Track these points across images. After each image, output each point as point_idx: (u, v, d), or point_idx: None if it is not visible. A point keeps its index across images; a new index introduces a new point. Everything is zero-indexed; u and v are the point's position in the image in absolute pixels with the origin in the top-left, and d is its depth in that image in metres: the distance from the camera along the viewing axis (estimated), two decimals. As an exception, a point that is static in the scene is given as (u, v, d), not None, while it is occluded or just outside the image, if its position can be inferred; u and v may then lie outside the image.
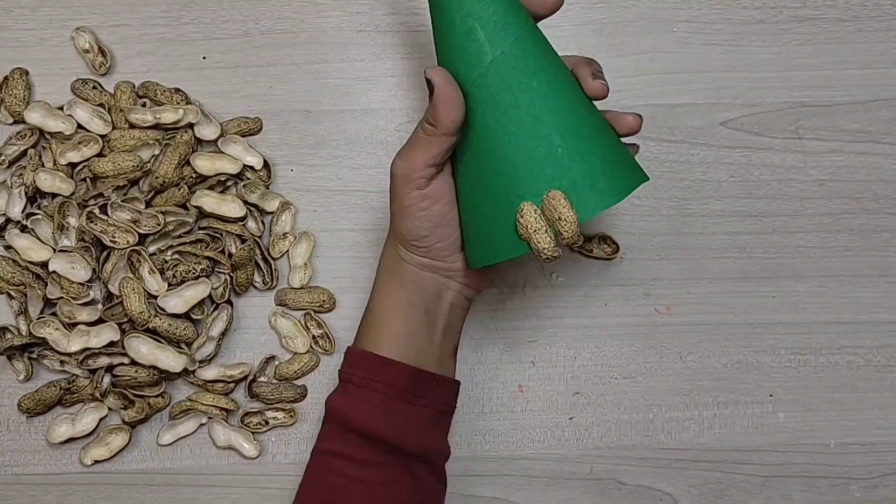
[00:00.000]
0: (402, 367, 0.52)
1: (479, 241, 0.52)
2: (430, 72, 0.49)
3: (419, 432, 0.53)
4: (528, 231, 0.49)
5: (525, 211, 0.49)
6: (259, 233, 0.64)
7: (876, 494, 0.63)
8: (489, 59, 0.49)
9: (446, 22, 0.50)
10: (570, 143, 0.49)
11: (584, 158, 0.49)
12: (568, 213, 0.48)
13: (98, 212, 0.61)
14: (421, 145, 0.50)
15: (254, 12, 0.66)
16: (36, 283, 0.62)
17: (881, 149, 0.66)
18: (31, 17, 0.66)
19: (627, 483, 0.63)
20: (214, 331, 0.63)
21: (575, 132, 0.49)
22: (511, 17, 0.50)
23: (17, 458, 0.63)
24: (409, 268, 0.54)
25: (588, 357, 0.64)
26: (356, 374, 0.53)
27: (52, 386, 0.62)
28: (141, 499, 0.63)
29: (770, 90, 0.66)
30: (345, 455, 0.52)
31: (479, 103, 0.50)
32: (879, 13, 0.66)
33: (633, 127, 0.52)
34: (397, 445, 0.52)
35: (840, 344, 0.65)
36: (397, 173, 0.51)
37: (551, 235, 0.49)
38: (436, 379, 0.54)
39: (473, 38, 0.49)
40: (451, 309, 0.55)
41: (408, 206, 0.51)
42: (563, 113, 0.49)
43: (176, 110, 0.63)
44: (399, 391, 0.52)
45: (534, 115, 0.49)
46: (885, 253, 0.65)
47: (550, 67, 0.50)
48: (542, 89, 0.49)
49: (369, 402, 0.52)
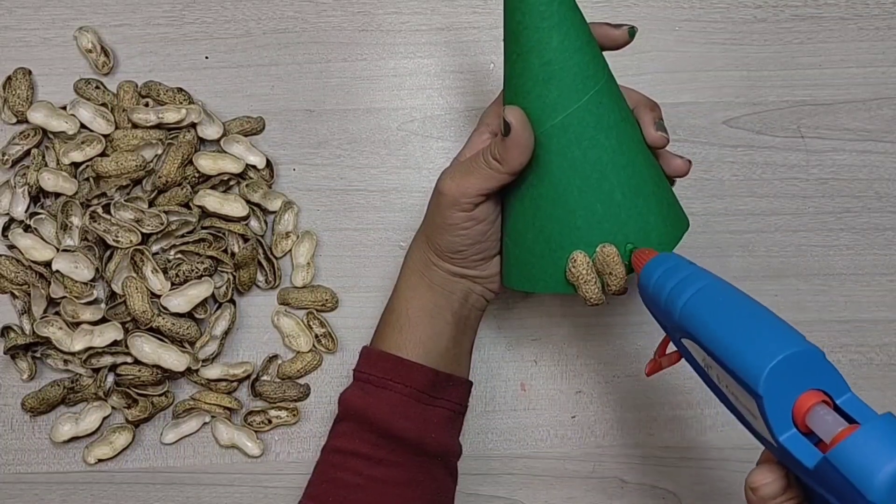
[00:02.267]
0: (421, 369, 0.53)
1: (522, 268, 0.52)
2: (509, 112, 0.48)
3: (437, 432, 0.53)
4: (578, 280, 0.50)
5: (578, 261, 0.50)
6: (262, 232, 0.64)
7: (878, 492, 0.63)
8: (564, 114, 0.48)
9: (523, 65, 0.49)
10: (630, 200, 0.49)
11: (640, 215, 0.49)
12: (619, 269, 0.49)
13: (101, 211, 0.61)
14: (480, 176, 0.50)
15: (256, 12, 0.66)
16: (39, 282, 0.62)
17: (883, 147, 0.66)
18: (34, 17, 0.66)
19: (630, 481, 0.64)
20: (217, 330, 0.63)
21: (636, 190, 0.49)
22: (591, 70, 0.48)
23: (20, 457, 0.63)
24: (440, 273, 0.54)
25: (590, 355, 0.64)
26: (374, 373, 0.53)
27: (55, 385, 0.62)
28: (144, 497, 0.63)
29: (772, 89, 0.66)
30: (361, 454, 0.52)
31: (547, 151, 0.49)
32: (881, 12, 0.66)
33: (682, 172, 0.52)
34: (417, 445, 0.52)
35: (842, 342, 0.65)
36: (446, 193, 0.51)
37: (599, 286, 0.50)
38: (451, 380, 0.54)
39: (551, 89, 0.48)
40: (473, 311, 0.56)
41: (451, 225, 0.51)
42: (627, 170, 0.49)
43: (179, 110, 0.63)
44: (418, 392, 0.52)
45: (600, 171, 0.49)
46: (888, 251, 0.65)
47: (622, 123, 0.49)
48: (611, 146, 0.49)
49: (389, 401, 0.52)
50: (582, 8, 0.66)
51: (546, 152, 0.49)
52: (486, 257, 0.54)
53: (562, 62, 0.48)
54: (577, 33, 0.48)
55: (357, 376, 0.54)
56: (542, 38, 0.48)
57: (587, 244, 0.50)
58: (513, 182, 0.51)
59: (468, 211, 0.51)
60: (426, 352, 0.53)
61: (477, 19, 0.66)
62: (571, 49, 0.48)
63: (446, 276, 0.54)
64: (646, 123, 0.51)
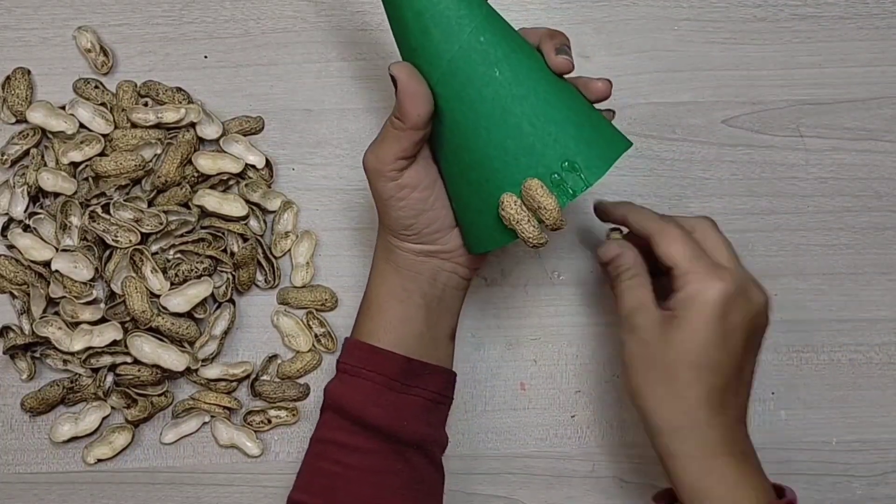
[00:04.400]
0: (391, 356, 0.53)
1: (471, 229, 0.53)
2: (393, 67, 0.49)
3: (412, 420, 0.53)
4: (512, 223, 0.49)
5: (506, 203, 0.49)
6: (261, 232, 0.64)
7: (878, 492, 0.64)
8: (448, 58, 0.49)
9: (401, 24, 0.50)
10: (540, 128, 0.48)
11: (557, 142, 0.49)
12: (547, 201, 0.48)
13: (100, 211, 0.61)
14: (390, 139, 0.50)
15: (255, 11, 0.66)
16: (39, 282, 0.62)
17: (882, 146, 0.66)
18: (34, 17, 0.66)
19: (630, 481, 0.64)
20: (217, 329, 0.63)
21: (545, 116, 0.49)
22: (464, 9, 0.49)
23: (20, 457, 0.63)
24: (403, 255, 0.54)
25: (590, 355, 0.64)
26: (349, 362, 0.54)
27: (55, 385, 0.62)
28: (144, 497, 0.63)
29: (771, 88, 0.66)
30: (339, 442, 0.53)
31: (446, 100, 0.49)
32: (880, 11, 0.66)
33: (604, 93, 0.51)
34: (390, 432, 0.52)
35: (842, 342, 0.65)
36: (369, 168, 0.52)
37: (535, 224, 0.49)
38: (427, 368, 0.54)
39: (429, 38, 0.49)
40: (447, 290, 0.55)
41: (387, 199, 0.52)
42: (529, 99, 0.49)
43: (178, 109, 0.63)
44: (389, 379, 0.52)
45: (501, 107, 0.48)
46: (887, 250, 0.65)
47: (512, 53, 0.49)
48: (506, 78, 0.49)
49: (361, 389, 0.53)
50: (580, 7, 0.66)
51: (446, 101, 0.49)
52: (441, 228, 0.53)
53: (432, 8, 0.48)
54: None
55: (338, 367, 0.55)
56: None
57: (512, 184, 0.49)
58: (435, 145, 0.51)
59: (395, 180, 0.51)
60: (398, 337, 0.53)
61: (476, 19, 0.66)
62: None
63: (410, 256, 0.54)
64: (547, 52, 0.50)
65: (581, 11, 0.66)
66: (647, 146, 0.65)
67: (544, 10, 0.66)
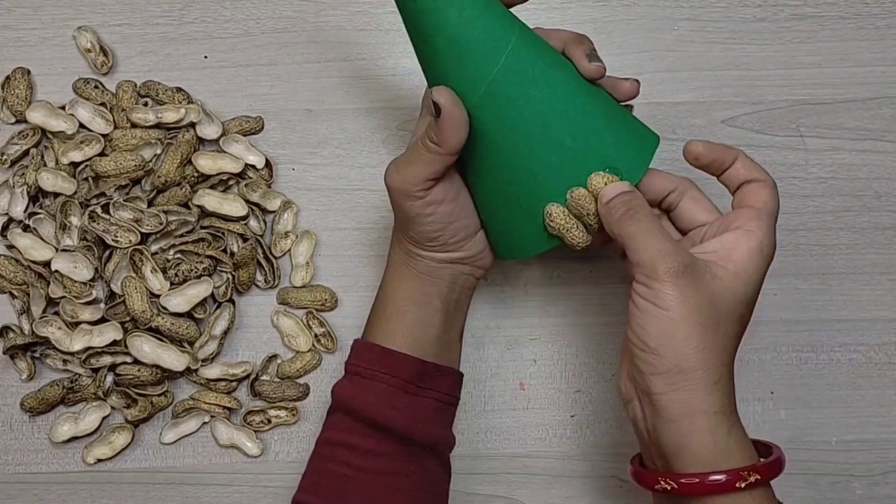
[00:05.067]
0: (407, 358, 0.53)
1: (506, 239, 0.53)
2: (436, 93, 0.48)
3: (425, 422, 0.53)
4: (561, 231, 0.51)
5: (554, 214, 0.50)
6: (261, 232, 0.64)
7: (878, 492, 0.64)
8: (486, 82, 0.48)
9: (432, 49, 0.49)
10: (581, 140, 0.49)
11: (597, 151, 0.49)
12: (593, 207, 0.50)
13: (100, 211, 0.61)
14: (421, 162, 0.49)
15: (255, 11, 0.66)
16: (38, 282, 0.62)
17: (882, 146, 0.66)
18: (33, 17, 0.66)
19: (629, 481, 0.63)
20: (217, 329, 0.63)
21: (584, 127, 0.49)
22: (499, 31, 0.48)
23: (20, 457, 0.63)
24: (425, 262, 0.54)
25: (590, 355, 0.64)
26: (362, 364, 0.53)
27: (54, 385, 0.62)
28: (144, 497, 0.63)
29: (771, 88, 0.66)
30: (349, 444, 0.52)
31: (483, 122, 0.49)
32: (880, 11, 0.66)
33: (632, 93, 0.52)
34: (404, 435, 0.52)
35: (841, 341, 0.65)
36: (395, 188, 0.50)
37: (582, 228, 0.51)
38: (440, 370, 0.54)
39: (465, 64, 0.48)
40: (462, 292, 0.55)
41: (414, 216, 0.51)
42: (568, 112, 0.49)
43: (178, 109, 0.63)
44: (404, 381, 0.52)
45: (542, 124, 0.49)
46: (887, 250, 0.65)
47: (548, 69, 0.49)
48: (545, 95, 0.49)
49: (375, 391, 0.52)
50: (581, 7, 0.66)
51: (483, 123, 0.49)
52: (466, 236, 0.53)
53: (467, 35, 0.47)
54: (473, 1, 0.48)
55: (347, 369, 0.54)
56: (439, 18, 0.47)
57: (557, 194, 0.50)
58: (466, 161, 0.51)
59: (422, 198, 0.50)
60: (414, 341, 0.53)
61: (476, 18, 0.66)
62: (472, 18, 0.47)
63: (432, 263, 0.54)
64: (578, 58, 0.50)
65: (581, 11, 0.66)
66: (646, 146, 0.65)
67: (545, 10, 0.66)
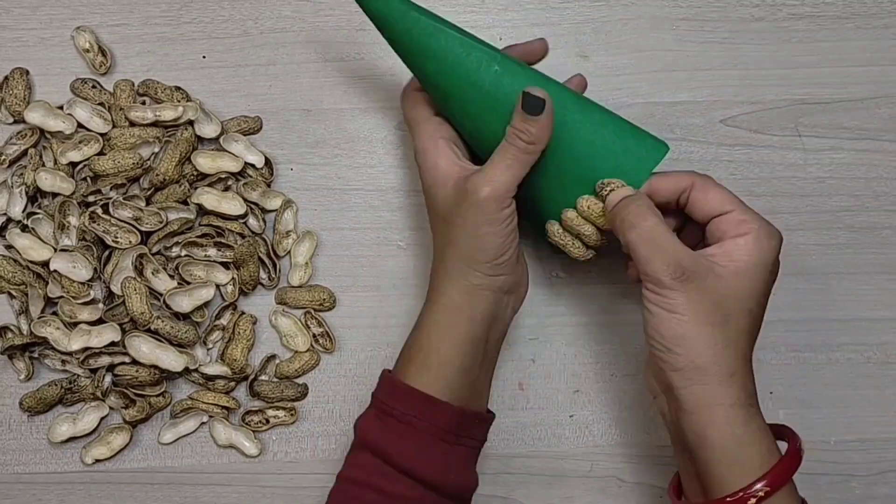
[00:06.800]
0: (448, 408, 0.51)
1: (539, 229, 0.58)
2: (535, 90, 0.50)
3: (458, 472, 0.52)
4: (559, 246, 0.56)
5: (550, 231, 0.55)
6: (260, 230, 0.64)
7: (876, 491, 0.63)
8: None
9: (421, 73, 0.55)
10: (569, 163, 0.53)
11: (584, 174, 0.53)
12: (586, 228, 0.54)
13: (101, 212, 0.61)
14: (516, 164, 0.51)
15: (253, 11, 0.66)
16: (37, 282, 0.62)
17: (880, 146, 0.66)
18: (32, 17, 0.66)
19: (628, 480, 0.63)
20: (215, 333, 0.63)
21: (571, 152, 0.53)
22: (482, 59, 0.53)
23: (18, 457, 0.63)
24: (485, 295, 0.52)
25: (588, 355, 0.64)
26: (398, 407, 0.52)
27: (53, 385, 0.62)
28: (142, 497, 0.63)
29: (769, 88, 0.66)
30: (378, 488, 0.51)
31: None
32: (878, 10, 0.66)
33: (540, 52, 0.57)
34: (437, 485, 0.51)
35: (840, 341, 0.65)
36: (487, 197, 0.51)
37: (580, 245, 0.56)
38: (479, 417, 0.53)
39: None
40: (503, 328, 0.55)
41: (499, 228, 0.51)
42: (555, 138, 0.52)
43: (176, 107, 0.63)
44: (443, 431, 0.51)
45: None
46: (885, 250, 0.65)
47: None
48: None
49: (412, 439, 0.51)
50: (579, 7, 0.66)
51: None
52: (518, 256, 0.54)
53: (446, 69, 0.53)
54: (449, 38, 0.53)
55: (377, 405, 0.53)
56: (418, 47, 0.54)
57: (553, 214, 0.55)
58: None
59: (510, 206, 0.52)
60: (454, 388, 0.52)
61: (474, 19, 0.66)
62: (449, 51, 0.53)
63: (492, 296, 0.53)
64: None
65: (580, 11, 0.66)
66: (645, 146, 0.65)
67: (543, 10, 0.66)
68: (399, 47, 0.54)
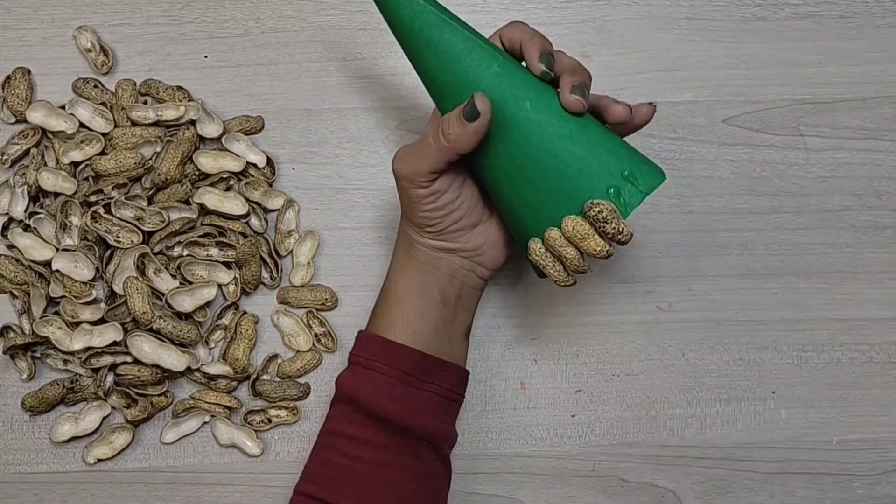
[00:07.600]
0: (407, 351, 0.53)
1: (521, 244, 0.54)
2: (480, 99, 0.49)
3: (424, 416, 0.53)
4: (539, 266, 0.52)
5: (532, 250, 0.52)
6: (262, 230, 0.64)
7: (878, 491, 0.63)
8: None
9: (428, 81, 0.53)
10: (553, 182, 0.50)
11: (569, 194, 0.50)
12: (568, 251, 0.50)
13: (103, 212, 0.61)
14: (429, 157, 0.51)
15: (255, 11, 0.66)
16: (39, 282, 0.62)
17: (882, 145, 0.66)
18: (34, 17, 0.66)
19: (630, 480, 0.63)
20: (217, 332, 0.63)
21: (557, 171, 0.50)
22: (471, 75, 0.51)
23: (20, 456, 0.63)
24: (423, 250, 0.54)
25: (590, 354, 0.64)
26: (363, 355, 0.54)
27: (55, 385, 0.62)
28: (144, 497, 0.63)
29: (771, 87, 0.66)
30: (349, 435, 0.53)
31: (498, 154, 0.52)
32: (880, 10, 0.66)
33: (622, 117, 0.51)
34: (402, 426, 0.52)
35: (842, 340, 0.65)
36: (401, 175, 0.52)
37: (559, 268, 0.51)
38: (442, 365, 0.54)
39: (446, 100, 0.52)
40: (464, 288, 0.55)
41: (416, 202, 0.52)
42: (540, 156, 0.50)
43: (177, 107, 0.63)
44: (404, 374, 0.53)
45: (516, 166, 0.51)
46: (887, 249, 0.65)
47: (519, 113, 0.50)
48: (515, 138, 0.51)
49: (374, 382, 0.53)
50: (581, 7, 0.66)
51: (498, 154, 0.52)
52: (463, 227, 0.54)
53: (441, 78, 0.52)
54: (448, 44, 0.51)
55: (350, 359, 0.55)
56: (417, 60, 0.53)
57: (537, 231, 0.51)
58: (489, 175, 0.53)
59: (426, 187, 0.52)
60: (414, 332, 0.53)
61: (475, 18, 0.66)
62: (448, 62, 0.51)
63: (430, 251, 0.54)
64: (563, 87, 0.50)
65: (582, 10, 0.66)
66: (647, 146, 0.65)
67: (545, 10, 0.66)
68: (401, 35, 0.53)
